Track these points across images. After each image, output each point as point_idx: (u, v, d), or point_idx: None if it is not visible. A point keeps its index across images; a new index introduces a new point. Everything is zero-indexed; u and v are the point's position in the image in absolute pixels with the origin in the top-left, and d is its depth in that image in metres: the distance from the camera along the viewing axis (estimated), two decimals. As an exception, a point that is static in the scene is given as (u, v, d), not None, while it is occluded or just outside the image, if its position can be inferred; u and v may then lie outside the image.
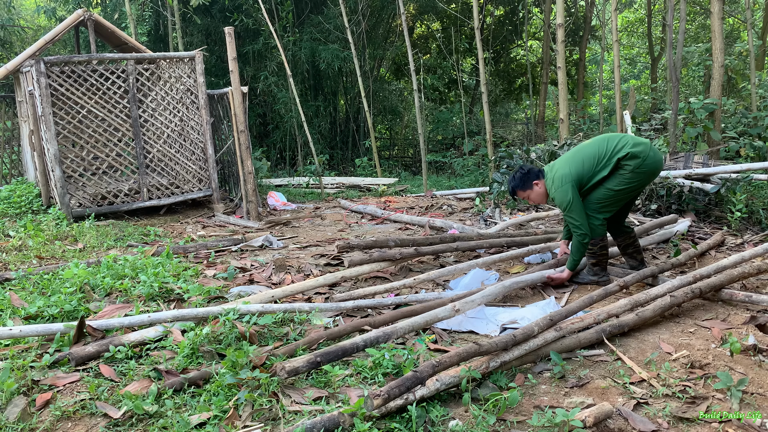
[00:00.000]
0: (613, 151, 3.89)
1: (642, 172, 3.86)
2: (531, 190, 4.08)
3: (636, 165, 3.83)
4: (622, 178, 3.85)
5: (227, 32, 6.88)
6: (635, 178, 3.87)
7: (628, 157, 3.84)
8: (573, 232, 3.89)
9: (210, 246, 5.45)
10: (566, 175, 3.87)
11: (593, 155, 3.94)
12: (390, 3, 14.15)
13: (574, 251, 3.93)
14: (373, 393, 2.22)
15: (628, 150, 3.85)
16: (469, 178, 11.34)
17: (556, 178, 3.92)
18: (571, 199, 3.83)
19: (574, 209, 3.83)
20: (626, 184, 3.87)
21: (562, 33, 8.43)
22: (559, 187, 3.88)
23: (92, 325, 3.15)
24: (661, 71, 16.73)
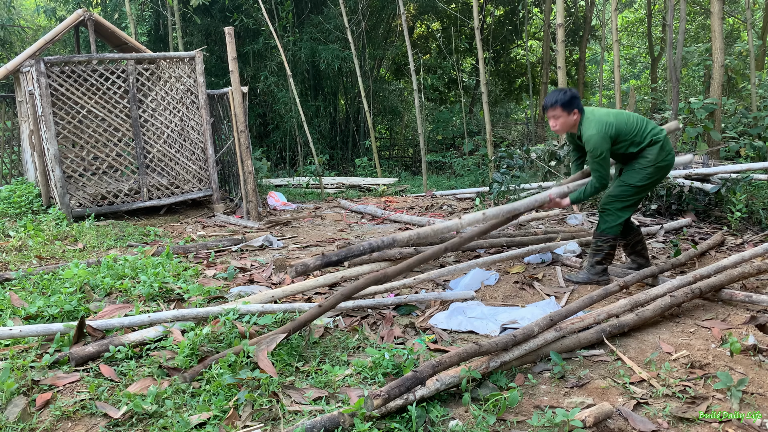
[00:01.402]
0: (650, 130, 3.89)
1: (662, 167, 3.88)
2: (566, 115, 3.88)
3: (658, 157, 3.84)
4: (645, 173, 3.86)
5: (227, 32, 6.88)
6: (656, 174, 3.88)
7: (656, 142, 3.85)
8: (593, 176, 3.82)
9: (210, 246, 5.45)
10: (609, 124, 3.78)
11: (636, 122, 3.90)
12: (390, 3, 14.15)
13: (585, 189, 3.85)
14: (373, 393, 2.22)
15: (660, 135, 3.87)
16: (469, 178, 11.34)
17: (598, 122, 3.81)
18: (605, 150, 3.76)
19: (604, 160, 3.77)
20: (648, 179, 3.88)
21: (562, 33, 8.43)
22: (599, 132, 3.76)
23: (92, 325, 3.15)
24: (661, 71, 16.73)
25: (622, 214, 3.95)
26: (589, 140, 3.77)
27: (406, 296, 3.77)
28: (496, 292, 4.02)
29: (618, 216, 3.94)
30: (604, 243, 4.00)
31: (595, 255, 4.05)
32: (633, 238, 4.24)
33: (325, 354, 3.02)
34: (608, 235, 3.98)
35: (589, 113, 3.90)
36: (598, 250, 4.03)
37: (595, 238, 4.07)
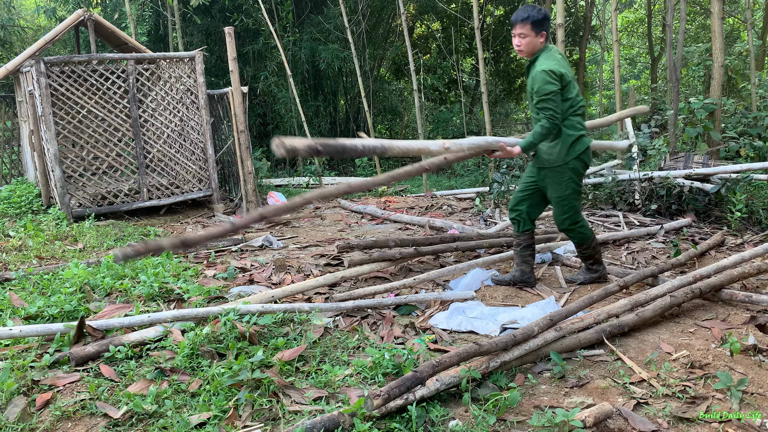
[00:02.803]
0: (576, 112, 3.69)
1: (579, 165, 3.75)
2: (534, 35, 3.62)
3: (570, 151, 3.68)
4: (566, 178, 3.74)
5: (227, 32, 6.88)
6: (578, 175, 3.78)
7: (573, 130, 3.66)
8: (543, 115, 3.54)
9: (210, 246, 5.45)
10: (565, 75, 3.56)
11: (580, 97, 3.71)
12: (390, 3, 14.15)
13: (535, 133, 3.58)
14: (373, 393, 2.22)
15: (578, 131, 3.68)
16: (469, 178, 11.34)
17: (559, 60, 3.58)
18: (556, 90, 3.51)
19: (556, 96, 3.52)
20: (573, 182, 3.77)
21: (562, 33, 8.42)
22: (553, 68, 3.51)
23: (92, 325, 3.15)
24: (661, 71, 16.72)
25: (581, 222, 3.90)
26: (544, 72, 3.50)
27: (406, 296, 3.77)
28: (496, 292, 4.02)
29: (579, 226, 3.89)
30: (587, 249, 3.99)
31: (585, 260, 4.07)
32: (526, 239, 4.04)
33: (325, 354, 3.02)
34: (587, 242, 3.95)
35: (552, 48, 3.66)
36: (585, 255, 4.04)
37: (579, 250, 4.05)
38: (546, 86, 3.50)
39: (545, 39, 3.65)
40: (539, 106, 3.56)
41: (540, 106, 3.55)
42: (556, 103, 3.52)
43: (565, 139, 3.66)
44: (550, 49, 3.65)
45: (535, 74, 3.54)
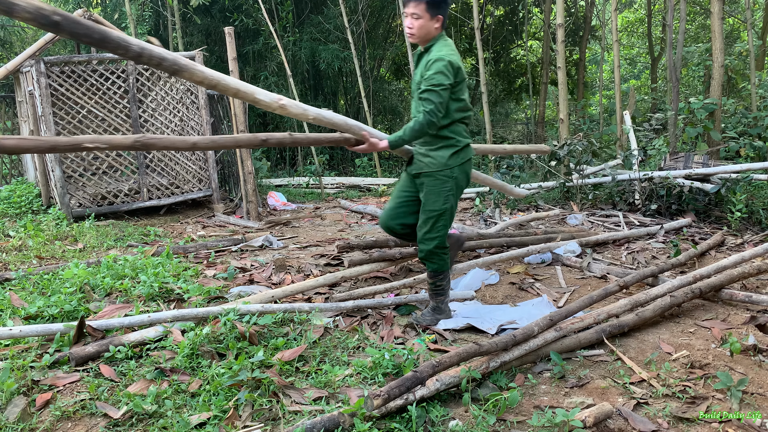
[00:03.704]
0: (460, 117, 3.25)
1: (466, 172, 3.31)
2: (428, 17, 3.13)
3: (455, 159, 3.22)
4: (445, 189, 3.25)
5: (227, 32, 6.88)
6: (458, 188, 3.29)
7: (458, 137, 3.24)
8: (424, 107, 3.06)
9: (210, 246, 5.45)
10: (461, 71, 3.13)
11: (470, 105, 3.31)
12: (390, 3, 14.15)
13: (406, 129, 3.11)
14: (373, 393, 2.22)
15: (463, 139, 3.26)
16: (469, 178, 11.32)
17: (456, 53, 3.17)
18: (447, 86, 3.05)
19: (445, 91, 3.05)
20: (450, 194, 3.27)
21: (562, 33, 8.43)
22: (452, 59, 3.08)
23: (92, 325, 3.15)
24: (661, 71, 16.72)
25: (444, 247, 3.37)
26: (442, 61, 3.05)
27: (406, 296, 3.77)
28: (496, 292, 4.02)
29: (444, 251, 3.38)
30: (442, 279, 3.44)
31: (437, 295, 3.47)
32: None
33: (325, 354, 3.02)
34: (444, 272, 3.43)
35: (449, 40, 3.26)
36: (440, 289, 3.46)
37: (432, 281, 3.45)
38: (438, 76, 3.03)
39: (441, 26, 3.17)
40: (423, 96, 3.06)
41: (424, 96, 3.05)
42: (442, 99, 3.04)
43: (452, 143, 3.21)
44: (446, 39, 3.22)
45: (432, 60, 3.08)
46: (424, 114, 3.04)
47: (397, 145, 3.17)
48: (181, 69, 2.58)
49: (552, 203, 7.51)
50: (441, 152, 3.21)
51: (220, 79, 2.74)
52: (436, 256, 3.35)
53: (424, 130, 3.08)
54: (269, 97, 2.96)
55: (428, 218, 3.29)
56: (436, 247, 3.32)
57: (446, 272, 3.43)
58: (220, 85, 2.75)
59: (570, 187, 7.42)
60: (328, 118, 3.23)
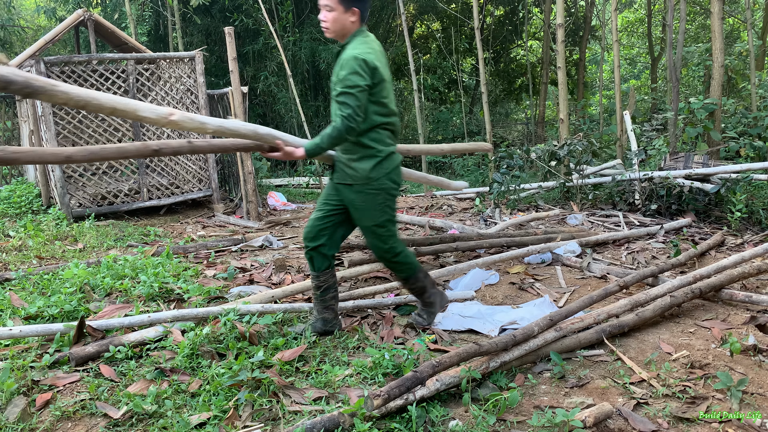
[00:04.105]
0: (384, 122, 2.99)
1: (390, 187, 3.05)
2: (342, 10, 2.90)
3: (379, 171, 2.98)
4: (377, 202, 3.02)
5: (227, 32, 6.88)
6: (389, 197, 3.07)
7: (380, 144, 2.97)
8: (341, 112, 2.81)
9: (210, 246, 5.45)
10: (379, 70, 2.87)
11: (395, 109, 3.07)
12: (390, 3, 14.15)
13: (323, 136, 2.86)
14: (373, 393, 2.22)
15: (388, 147, 3.01)
16: (469, 178, 11.34)
17: (373, 48, 2.92)
18: (363, 85, 2.80)
19: (362, 93, 2.80)
20: (386, 205, 3.06)
21: (562, 33, 8.43)
22: (367, 57, 2.82)
23: (92, 325, 3.15)
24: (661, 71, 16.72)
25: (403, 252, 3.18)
26: (355, 59, 2.80)
27: (406, 296, 3.77)
28: (496, 292, 4.02)
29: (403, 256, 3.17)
30: (416, 281, 3.28)
31: (421, 293, 3.33)
32: (327, 279, 3.22)
33: (325, 354, 3.02)
34: (415, 274, 3.25)
35: (370, 36, 3.02)
36: (418, 289, 3.31)
37: (407, 286, 3.33)
38: (353, 77, 2.78)
39: (358, 20, 2.94)
40: (339, 100, 2.82)
41: (341, 99, 2.81)
42: (360, 102, 2.79)
43: (372, 153, 2.96)
44: (366, 35, 2.98)
45: (345, 59, 2.84)
46: (342, 119, 2.80)
47: (315, 153, 2.92)
48: (36, 91, 2.24)
49: (552, 203, 7.51)
50: (362, 164, 2.95)
51: (91, 98, 2.44)
52: (399, 265, 3.19)
53: (343, 135, 2.83)
54: (156, 112, 2.67)
55: (372, 234, 3.09)
56: (393, 257, 3.15)
57: (417, 273, 3.25)
58: (90, 104, 2.44)
59: (570, 187, 7.42)
60: (233, 128, 2.95)
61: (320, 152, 2.90)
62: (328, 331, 3.26)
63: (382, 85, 2.91)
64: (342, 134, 2.82)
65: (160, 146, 2.84)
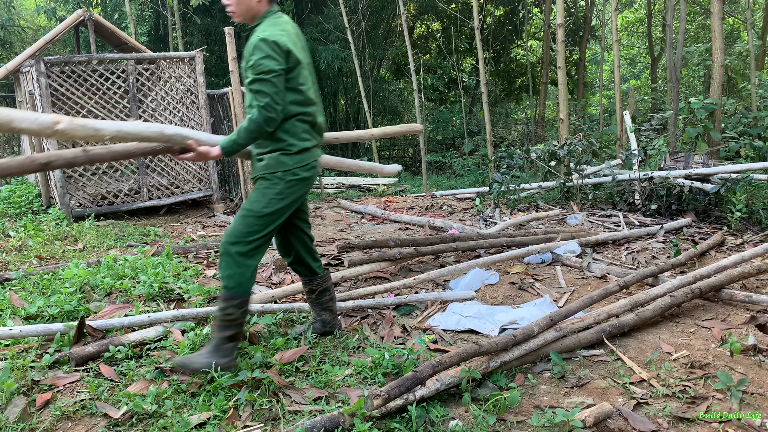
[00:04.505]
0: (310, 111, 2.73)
1: (303, 179, 2.73)
2: None
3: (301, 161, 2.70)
4: (275, 191, 2.67)
5: (227, 32, 6.87)
6: (293, 190, 2.72)
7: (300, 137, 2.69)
8: (257, 102, 2.53)
9: (210, 246, 5.45)
10: (292, 53, 2.61)
11: (313, 84, 2.81)
12: (390, 3, 14.15)
13: (240, 131, 2.58)
14: (373, 393, 2.23)
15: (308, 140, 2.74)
16: (469, 178, 11.35)
17: (286, 32, 2.64)
18: (277, 69, 2.52)
19: (277, 78, 2.53)
20: (281, 200, 2.69)
21: (562, 33, 8.43)
22: (278, 38, 2.55)
23: (92, 325, 3.15)
24: (661, 71, 16.72)
25: (248, 261, 2.66)
26: (264, 42, 2.53)
27: (406, 296, 3.77)
28: (496, 292, 4.02)
29: (242, 264, 2.64)
30: (234, 308, 2.65)
31: (223, 329, 2.66)
32: (319, 283, 3.09)
33: (325, 354, 3.02)
34: (240, 295, 2.65)
35: (283, 17, 2.76)
36: (228, 320, 2.66)
37: (223, 303, 2.66)
38: (265, 61, 2.51)
39: (268, 2, 2.73)
40: (254, 88, 2.53)
41: (255, 87, 2.53)
42: (277, 88, 2.52)
43: (284, 147, 2.67)
44: (279, 16, 2.73)
45: (253, 43, 2.56)
46: (259, 109, 2.51)
47: (232, 151, 2.62)
48: None
49: (552, 203, 7.51)
50: (273, 155, 2.69)
51: None
52: (234, 266, 2.62)
53: (262, 128, 2.54)
54: (38, 123, 2.35)
55: (242, 216, 2.68)
56: (238, 254, 2.62)
57: (242, 297, 2.65)
58: None
59: (570, 187, 7.43)
60: (135, 131, 2.67)
61: (238, 149, 2.63)
62: (328, 332, 3.19)
63: (299, 70, 2.64)
64: (261, 126, 2.54)
65: (49, 158, 2.51)
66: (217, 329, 2.68)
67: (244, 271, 2.64)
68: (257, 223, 2.66)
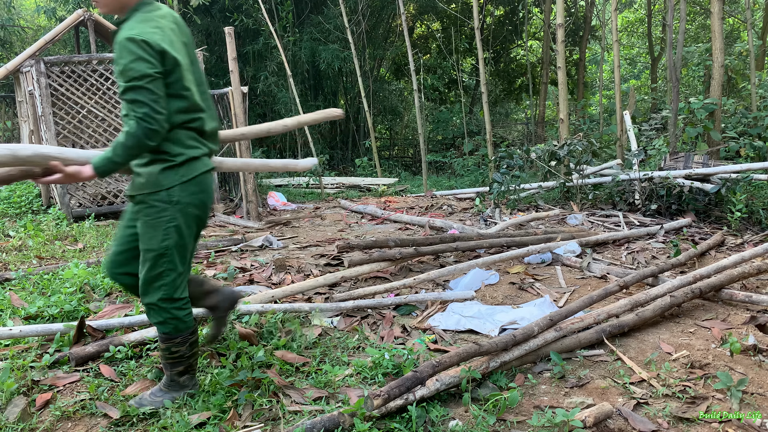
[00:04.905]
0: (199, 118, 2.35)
1: (194, 193, 2.33)
2: None
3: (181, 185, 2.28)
4: (165, 220, 2.28)
5: (227, 32, 6.87)
6: (189, 217, 2.34)
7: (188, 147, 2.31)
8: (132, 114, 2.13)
9: (210, 246, 5.45)
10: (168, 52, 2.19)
11: (203, 84, 2.45)
12: (390, 3, 14.15)
13: (116, 147, 2.16)
14: (373, 393, 2.23)
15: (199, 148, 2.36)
16: (469, 178, 11.34)
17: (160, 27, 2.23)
18: (148, 74, 2.12)
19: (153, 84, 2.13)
20: (176, 230, 2.31)
21: (562, 33, 8.43)
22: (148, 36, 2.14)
23: (92, 325, 3.15)
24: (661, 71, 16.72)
25: (176, 303, 2.39)
26: (131, 42, 2.12)
27: (406, 296, 3.77)
28: (496, 292, 4.02)
29: (170, 308, 2.37)
30: (179, 345, 2.43)
31: (173, 365, 2.47)
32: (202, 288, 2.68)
33: (325, 354, 3.02)
34: (181, 333, 2.42)
35: (161, 8, 2.34)
36: (174, 358, 2.45)
37: (164, 344, 2.43)
38: (136, 64, 2.11)
39: None
40: (128, 97, 2.14)
41: (129, 97, 2.13)
42: (156, 94, 2.14)
43: (167, 159, 2.27)
44: (154, 8, 2.31)
45: (120, 43, 2.15)
46: (137, 121, 2.12)
47: (108, 169, 2.19)
48: None
49: (552, 203, 7.51)
50: (151, 168, 2.28)
51: None
52: (162, 312, 2.36)
53: (142, 143, 2.14)
54: None
55: (145, 259, 2.33)
56: (161, 300, 2.35)
57: (184, 334, 2.43)
58: None
59: (570, 187, 7.42)
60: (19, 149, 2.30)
61: (114, 168, 2.19)
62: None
63: (179, 73, 2.23)
64: (140, 140, 2.13)
65: None
66: (166, 366, 2.48)
67: (176, 313, 2.38)
68: (164, 261, 2.32)
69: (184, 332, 2.42)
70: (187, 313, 2.43)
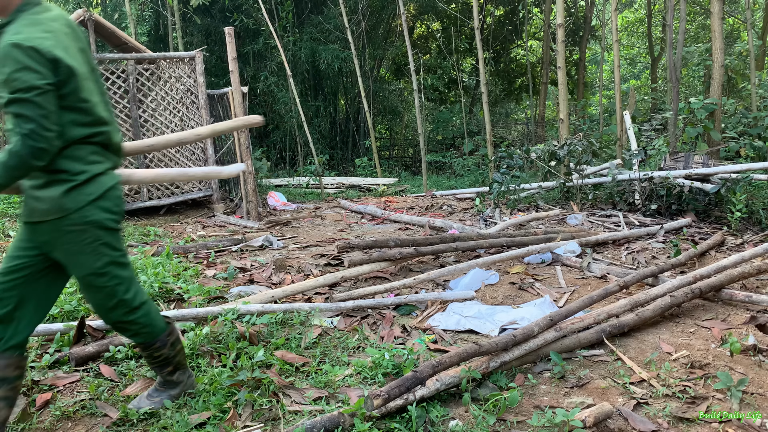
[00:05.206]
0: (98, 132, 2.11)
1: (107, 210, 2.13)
2: None
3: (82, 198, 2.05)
4: (87, 240, 2.08)
5: (227, 32, 6.87)
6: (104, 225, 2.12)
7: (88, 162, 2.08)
8: (20, 133, 1.87)
9: (210, 246, 5.45)
10: (62, 60, 1.94)
11: (101, 96, 2.20)
12: (390, 3, 14.15)
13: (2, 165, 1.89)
14: (373, 393, 2.22)
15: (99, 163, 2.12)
16: (469, 178, 11.34)
17: (51, 32, 1.97)
18: (36, 86, 1.87)
19: (42, 96, 1.88)
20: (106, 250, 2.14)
21: (562, 33, 8.43)
22: (36, 42, 1.89)
23: (92, 325, 3.15)
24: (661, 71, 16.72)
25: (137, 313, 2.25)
26: (17, 48, 1.87)
27: (406, 296, 3.77)
28: (496, 292, 4.02)
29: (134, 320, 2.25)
30: (159, 348, 2.37)
31: (161, 367, 2.44)
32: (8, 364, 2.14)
33: (325, 354, 3.02)
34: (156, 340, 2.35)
35: (52, 10, 2.08)
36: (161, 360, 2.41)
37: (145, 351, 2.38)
38: (21, 74, 1.87)
39: None
40: (11, 111, 1.89)
41: (13, 110, 1.88)
42: (45, 109, 1.89)
43: (68, 178, 2.03)
44: (43, 9, 2.04)
45: (3, 49, 1.89)
46: (22, 139, 1.87)
47: None
48: None
49: (552, 203, 7.51)
50: (49, 191, 2.03)
51: None
52: (131, 326, 2.27)
53: (28, 163, 1.89)
54: None
55: (92, 287, 2.15)
56: (125, 315, 2.22)
57: (160, 338, 2.35)
58: None
59: (570, 187, 7.42)
60: None
61: (5, 184, 1.92)
62: None
63: (75, 83, 2.00)
64: (26, 160, 1.88)
65: None
66: (156, 369, 2.46)
67: (144, 321, 2.28)
68: (106, 279, 2.15)
69: (160, 336, 2.35)
70: (154, 316, 2.32)
